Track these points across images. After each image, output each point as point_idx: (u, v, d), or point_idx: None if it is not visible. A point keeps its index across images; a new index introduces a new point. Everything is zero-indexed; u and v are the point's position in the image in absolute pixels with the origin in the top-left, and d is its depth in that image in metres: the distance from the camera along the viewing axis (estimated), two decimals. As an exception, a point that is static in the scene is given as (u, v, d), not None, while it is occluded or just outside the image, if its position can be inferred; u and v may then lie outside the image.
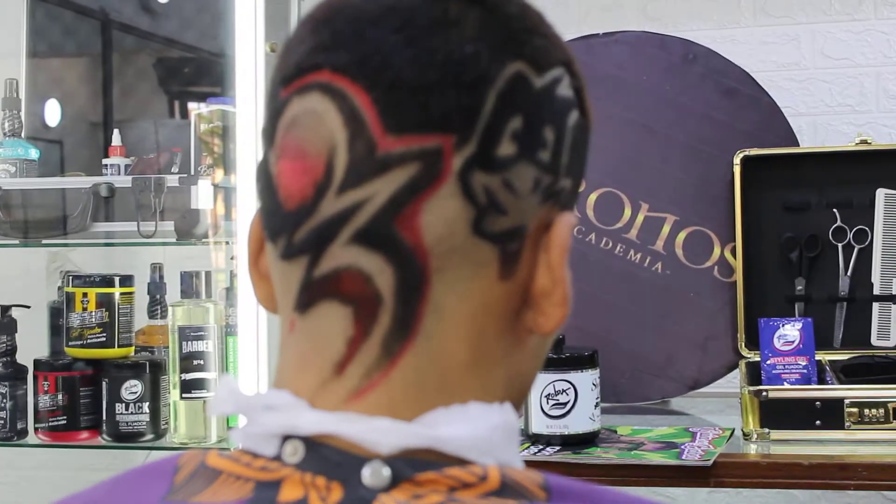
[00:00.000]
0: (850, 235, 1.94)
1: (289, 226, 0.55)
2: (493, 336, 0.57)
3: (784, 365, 1.86)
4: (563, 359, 1.80)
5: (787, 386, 1.84)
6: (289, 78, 0.56)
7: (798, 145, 1.95)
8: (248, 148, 1.74)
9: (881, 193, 1.95)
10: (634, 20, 2.21)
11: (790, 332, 1.86)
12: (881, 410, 1.77)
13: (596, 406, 1.81)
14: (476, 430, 0.54)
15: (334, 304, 0.54)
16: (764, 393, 1.76)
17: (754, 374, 1.88)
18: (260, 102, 1.77)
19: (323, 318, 0.55)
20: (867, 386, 1.79)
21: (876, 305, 1.95)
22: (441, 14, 0.54)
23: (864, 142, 1.92)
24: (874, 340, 1.95)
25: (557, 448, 1.78)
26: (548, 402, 1.78)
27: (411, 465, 0.52)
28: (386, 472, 0.52)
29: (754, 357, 1.89)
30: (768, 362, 1.86)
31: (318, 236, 0.54)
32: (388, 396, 0.54)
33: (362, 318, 0.54)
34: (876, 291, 1.95)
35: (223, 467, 0.54)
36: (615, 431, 1.82)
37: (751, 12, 2.26)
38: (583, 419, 1.79)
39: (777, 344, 1.87)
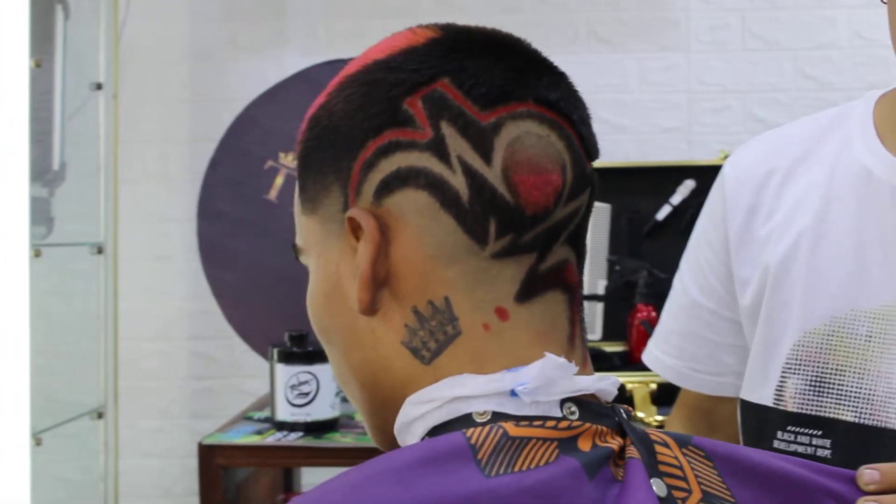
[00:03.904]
0: (562, 242, 2.06)
1: (524, 227, 0.60)
2: None
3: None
4: (307, 353, 1.85)
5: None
6: (492, 102, 0.61)
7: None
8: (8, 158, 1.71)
9: (589, 206, 2.07)
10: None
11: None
12: (584, 395, 1.89)
13: (336, 395, 1.88)
14: None
15: (558, 291, 0.62)
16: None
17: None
18: (26, 115, 1.74)
19: (550, 303, 0.62)
20: (572, 374, 1.92)
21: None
22: (558, 69, 0.65)
23: (576, 160, 2.03)
24: (580, 334, 2.07)
25: (301, 434, 1.85)
26: (292, 392, 1.84)
27: (621, 410, 0.63)
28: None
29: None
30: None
31: (548, 236, 0.61)
32: (589, 361, 0.64)
33: (575, 301, 0.63)
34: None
35: (531, 434, 0.58)
36: (353, 418, 1.90)
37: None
38: (324, 407, 1.86)
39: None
